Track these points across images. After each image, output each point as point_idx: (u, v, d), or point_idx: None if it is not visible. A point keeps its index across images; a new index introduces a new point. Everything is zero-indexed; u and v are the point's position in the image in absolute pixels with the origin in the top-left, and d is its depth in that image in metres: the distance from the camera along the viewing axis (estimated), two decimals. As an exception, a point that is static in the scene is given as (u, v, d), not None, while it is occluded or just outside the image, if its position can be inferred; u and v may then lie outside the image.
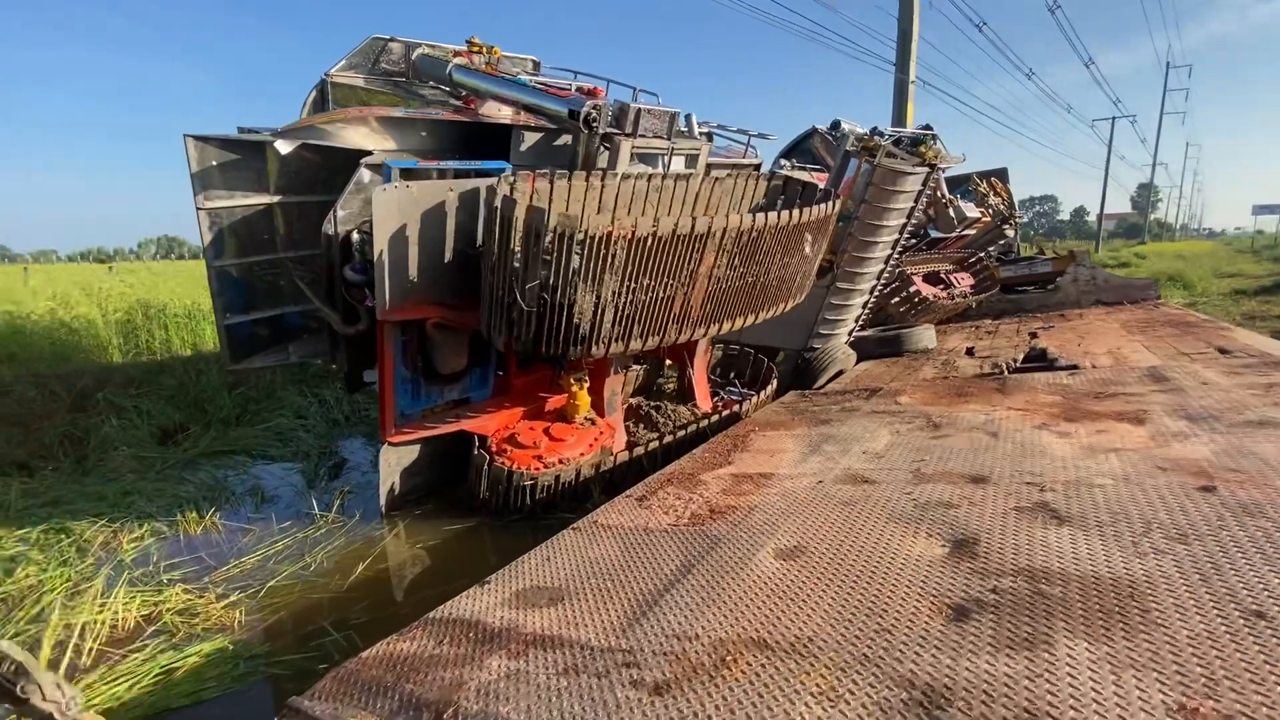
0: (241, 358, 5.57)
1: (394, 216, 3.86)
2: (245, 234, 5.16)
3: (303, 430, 7.01)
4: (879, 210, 7.05)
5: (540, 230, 3.68)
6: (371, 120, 4.80)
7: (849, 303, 7.77)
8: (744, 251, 4.76)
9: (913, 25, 19.06)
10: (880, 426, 4.03)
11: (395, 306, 4.15)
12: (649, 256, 4.09)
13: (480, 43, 5.76)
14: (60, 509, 5.08)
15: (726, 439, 4.32)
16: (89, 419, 6.87)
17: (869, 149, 6.88)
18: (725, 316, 5.12)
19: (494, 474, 4.72)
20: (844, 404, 4.99)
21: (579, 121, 4.80)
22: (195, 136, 4.50)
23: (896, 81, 19.24)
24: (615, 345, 4.40)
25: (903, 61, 19.03)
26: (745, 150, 7.52)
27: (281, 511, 5.12)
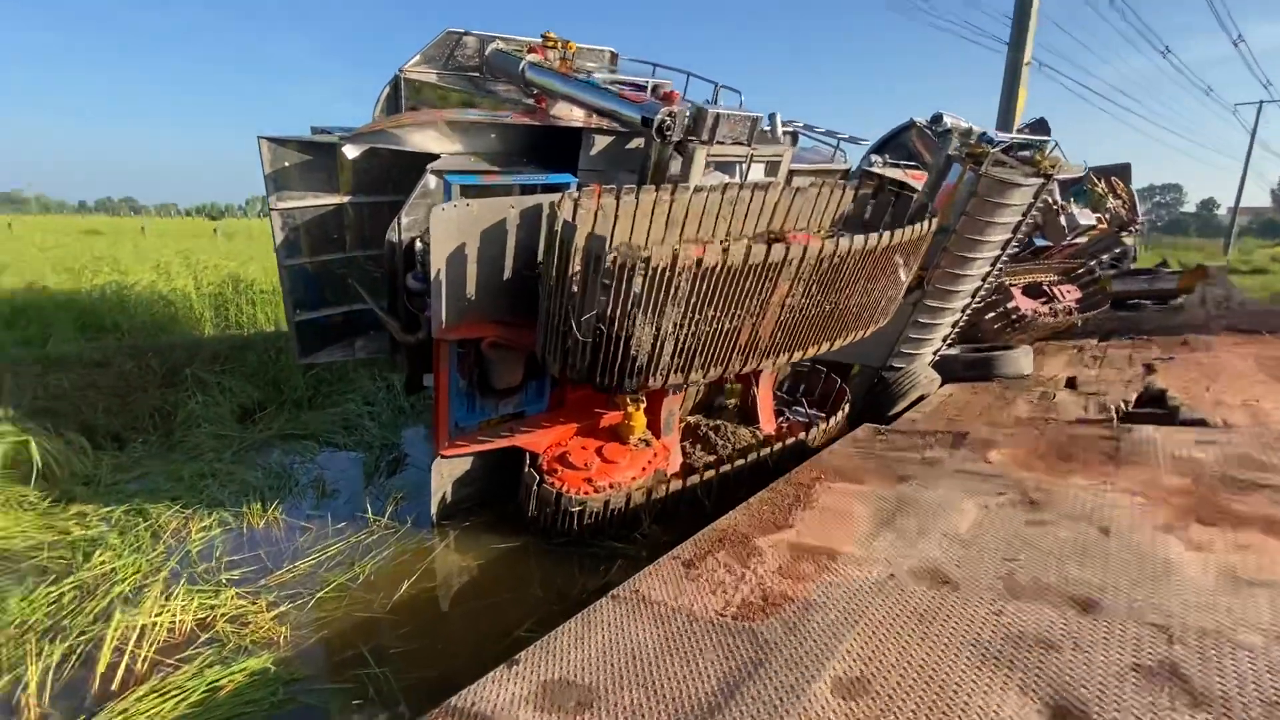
0: (310, 352, 5.67)
1: (452, 236, 3.71)
2: (316, 233, 5.19)
3: (369, 418, 7.16)
4: (981, 224, 6.37)
5: (600, 259, 3.43)
6: (440, 123, 4.66)
7: (938, 321, 7.14)
8: (823, 279, 4.35)
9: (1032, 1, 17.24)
10: (966, 497, 3.59)
11: (451, 325, 4.03)
12: (716, 287, 3.78)
13: (556, 37, 5.50)
14: (142, 489, 5.37)
15: (789, 487, 3.99)
16: (177, 393, 7.27)
17: (975, 156, 6.18)
18: (797, 346, 4.75)
19: (543, 495, 4.59)
20: (925, 452, 4.53)
21: (652, 129, 4.47)
22: (269, 139, 4.50)
23: (1009, 62, 17.56)
24: (674, 377, 4.13)
25: (1018, 39, 17.31)
26: (834, 154, 6.94)
27: (339, 509, 5.21)
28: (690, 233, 4.85)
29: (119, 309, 8.97)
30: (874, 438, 5.18)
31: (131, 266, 11.17)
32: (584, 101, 4.85)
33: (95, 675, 3.20)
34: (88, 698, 3.09)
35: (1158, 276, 11.72)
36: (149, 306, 9.20)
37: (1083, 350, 9.37)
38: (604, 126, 5.26)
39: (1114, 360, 8.48)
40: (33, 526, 4.69)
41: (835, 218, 5.85)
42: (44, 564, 4.29)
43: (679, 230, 4.76)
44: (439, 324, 3.97)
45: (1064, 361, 8.63)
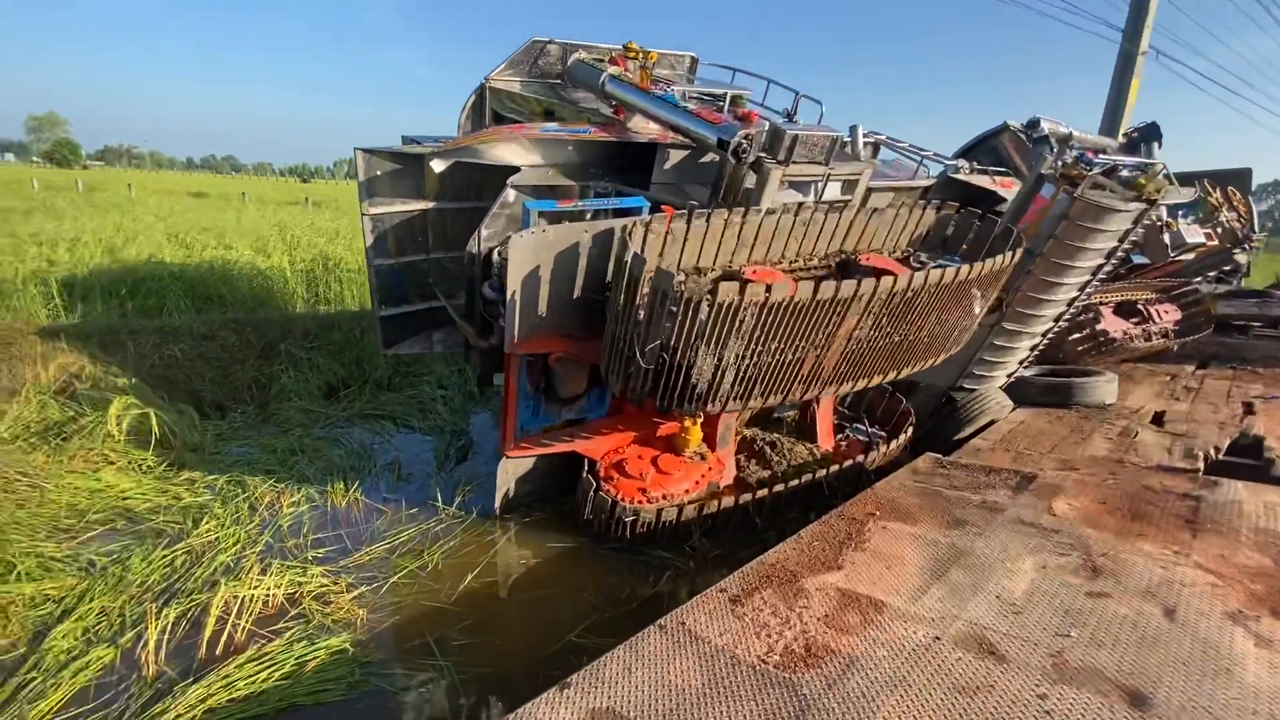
0: (392, 343, 6.06)
1: (528, 259, 3.89)
2: (402, 235, 5.51)
3: (441, 403, 7.58)
4: (1071, 249, 6.03)
5: (667, 293, 3.53)
6: (521, 138, 4.82)
7: (1015, 345, 6.86)
8: (894, 313, 4.29)
9: (1156, -18, 15.71)
10: (1025, 553, 3.52)
11: (523, 341, 4.24)
12: (781, 320, 3.80)
13: (637, 48, 5.54)
14: (241, 460, 5.93)
15: (841, 522, 4.02)
16: (272, 367, 7.91)
17: (1070, 178, 5.84)
18: (862, 375, 4.71)
19: (599, 501, 4.80)
20: (986, 494, 4.44)
21: (728, 152, 4.49)
22: (364, 150, 4.79)
23: (1121, 52, 16.18)
24: (733, 404, 4.20)
25: (1133, 28, 15.91)
26: (916, 170, 6.70)
27: (412, 494, 5.60)
28: (760, 254, 4.86)
29: (223, 281, 9.77)
30: (935, 470, 5.09)
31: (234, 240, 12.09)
32: (661, 119, 4.90)
33: (202, 639, 3.65)
34: (195, 660, 3.54)
35: (1269, 299, 10.71)
36: (249, 280, 9.97)
37: (1175, 379, 8.76)
38: (677, 141, 5.30)
39: (1210, 394, 7.89)
40: (151, 490, 5.29)
41: (912, 240, 5.70)
42: (160, 527, 4.85)
43: (748, 251, 4.78)
44: (511, 339, 4.19)
45: (1153, 391, 8.11)
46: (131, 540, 4.67)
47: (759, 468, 5.73)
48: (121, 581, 4.15)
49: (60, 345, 7.15)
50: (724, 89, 5.75)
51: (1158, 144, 9.90)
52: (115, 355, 7.30)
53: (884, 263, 5.26)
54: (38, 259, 9.70)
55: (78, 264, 9.57)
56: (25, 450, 5.62)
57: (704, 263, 4.62)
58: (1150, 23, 15.55)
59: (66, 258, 9.88)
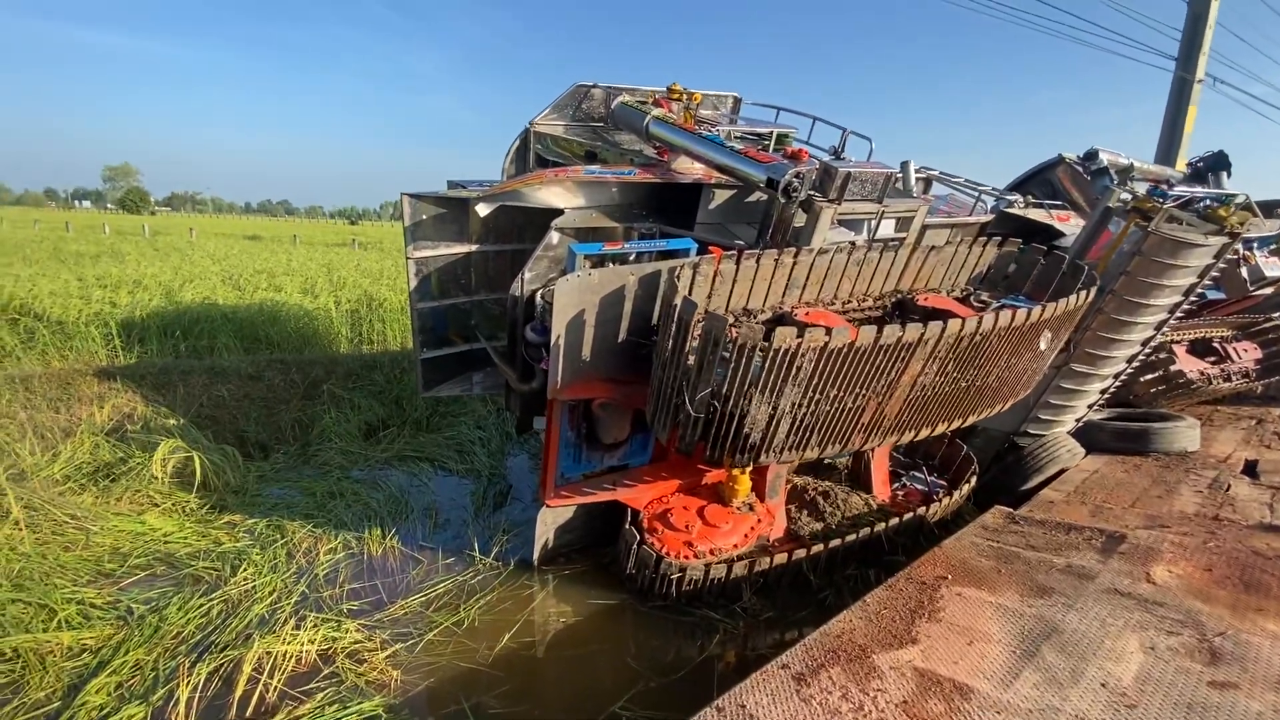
0: (432, 386, 5.99)
1: (573, 304, 3.77)
2: (445, 278, 5.48)
3: (479, 444, 7.47)
4: (1146, 286, 5.64)
5: (719, 339, 3.33)
6: (566, 181, 4.77)
7: (1084, 387, 6.41)
8: (961, 357, 4.00)
9: (1209, 8, 15.29)
10: (1127, 630, 3.13)
11: (566, 386, 4.09)
12: (841, 367, 3.57)
13: (681, 89, 5.50)
14: (281, 502, 5.88)
15: (910, 586, 3.68)
16: (314, 407, 7.96)
17: (1143, 211, 5.49)
18: (925, 423, 4.40)
19: (642, 556, 4.54)
20: (1071, 556, 4.04)
21: (778, 191, 4.33)
22: (411, 195, 4.80)
23: (1175, 81, 15.68)
24: (787, 455, 3.95)
25: (1187, 55, 15.44)
26: (974, 206, 6.45)
27: (448, 542, 5.44)
28: (811, 295, 4.65)
29: (272, 322, 10.01)
30: (1007, 526, 4.70)
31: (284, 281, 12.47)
32: (707, 159, 4.80)
33: (233, 699, 3.50)
34: (226, 721, 3.38)
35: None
36: (296, 321, 10.20)
37: (1262, 423, 8.10)
38: (722, 180, 5.18)
39: (1306, 441, 7.23)
40: (192, 534, 5.26)
41: (972, 276, 5.42)
42: (199, 573, 4.78)
43: (799, 292, 4.58)
44: (555, 383, 4.04)
45: (1238, 437, 7.49)
46: (170, 587, 4.61)
47: (811, 519, 5.40)
48: (157, 632, 4.05)
49: (115, 386, 7.33)
50: (769, 127, 5.65)
51: (1226, 174, 9.38)
52: (166, 395, 7.44)
53: (943, 303, 4.99)
54: (101, 301, 10.13)
55: (137, 306, 9.95)
56: (76, 491, 5.69)
57: (753, 304, 4.43)
58: (1206, 49, 15.06)
59: (127, 300, 10.30)
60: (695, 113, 5.52)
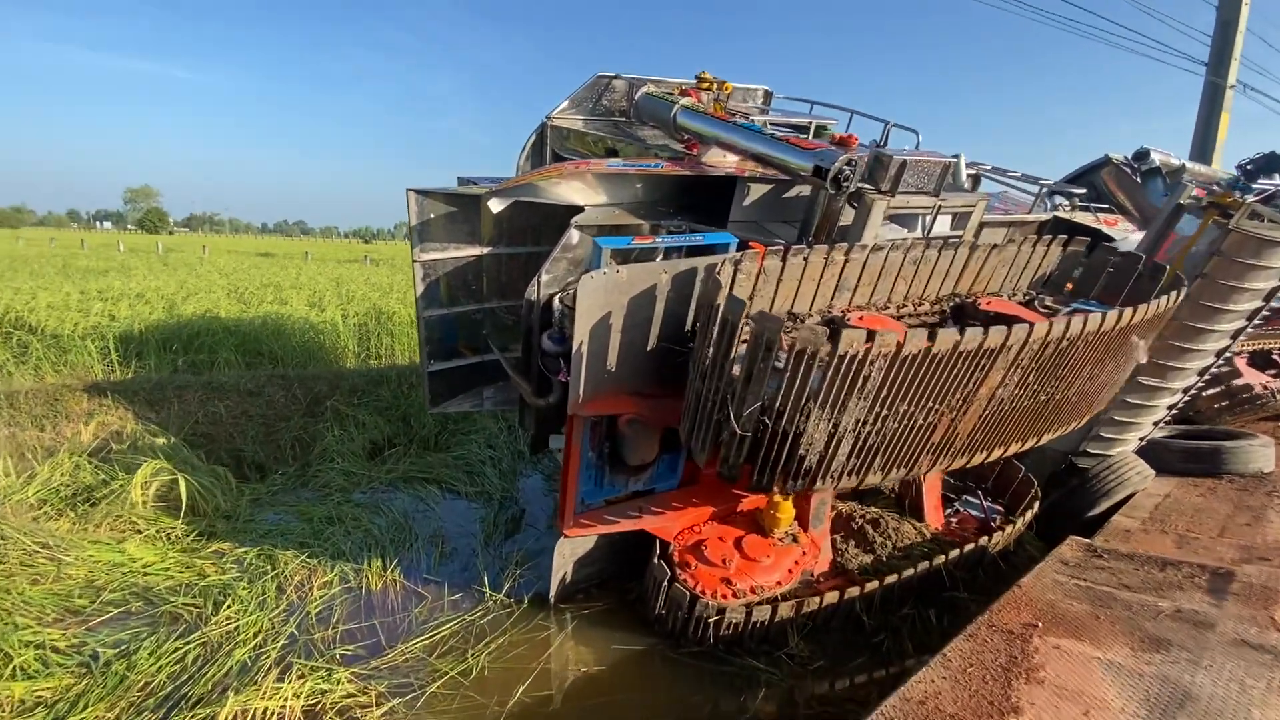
0: (440, 402, 5.52)
1: (599, 305, 3.29)
2: (455, 283, 5.04)
3: (490, 464, 6.97)
4: (1223, 290, 5.09)
5: (772, 343, 2.83)
6: (587, 175, 4.32)
7: (1152, 402, 5.82)
8: (1044, 366, 3.47)
9: (1239, 14, 14.83)
10: (1272, 694, 2.56)
11: (589, 400, 3.59)
12: (914, 377, 3.05)
13: (711, 77, 5.06)
14: (275, 528, 5.39)
15: (996, 638, 3.12)
16: (316, 424, 7.50)
17: (1222, 206, 4.96)
18: (999, 442, 3.86)
19: (674, 595, 4.00)
20: (1175, 596, 3.46)
21: (826, 180, 3.85)
22: (417, 191, 4.37)
23: (1206, 87, 15.18)
24: (846, 480, 3.42)
25: (1218, 61, 14.94)
26: (1033, 204, 5.94)
27: (455, 575, 4.92)
28: (862, 298, 4.15)
29: (275, 336, 9.61)
30: (1089, 560, 4.12)
31: (291, 295, 12.12)
32: (744, 148, 4.34)
33: (202, 769, 2.98)
34: (191, 798, 2.86)
35: None
36: (301, 335, 9.80)
37: (1338, 441, 7.42)
38: (757, 174, 4.72)
39: (1395, 461, 6.57)
40: (175, 564, 4.77)
41: (1034, 279, 4.89)
42: (178, 610, 4.29)
43: (849, 294, 4.08)
44: (576, 399, 3.55)
45: (1317, 456, 6.83)
46: (144, 626, 4.12)
47: (859, 551, 4.83)
48: (123, 683, 3.56)
49: (106, 402, 6.92)
50: (807, 120, 5.19)
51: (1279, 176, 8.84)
52: (160, 412, 7.02)
53: (1007, 307, 4.46)
54: (100, 314, 9.79)
55: (137, 319, 9.61)
56: (52, 516, 5.24)
57: (799, 308, 3.93)
58: (1237, 54, 14.57)
59: (127, 313, 9.96)
60: (725, 104, 5.08)
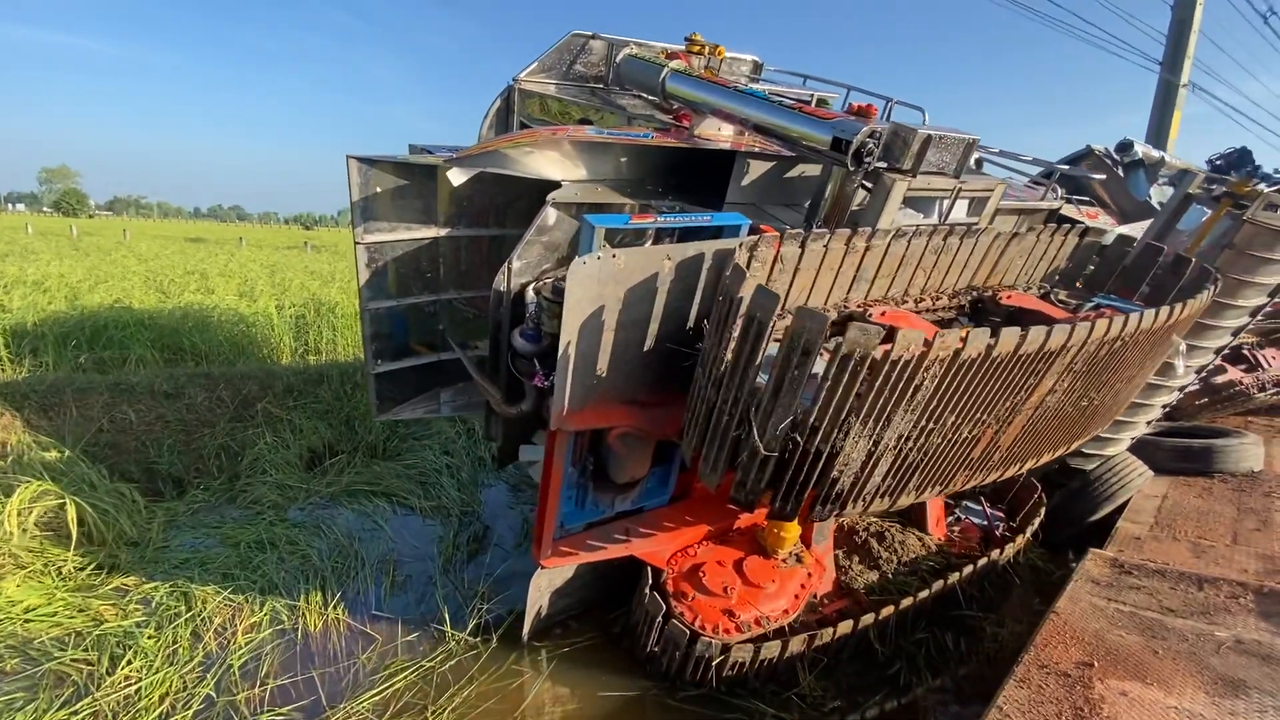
0: (389, 407, 4.80)
1: (591, 297, 2.68)
2: (406, 270, 4.32)
3: (447, 473, 6.26)
4: (1233, 284, 4.85)
5: (812, 347, 2.29)
6: (565, 144, 3.69)
7: (1149, 401, 5.59)
8: (1096, 368, 3.06)
9: (1193, 15, 15.18)
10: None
11: (575, 411, 2.99)
12: (969, 383, 2.57)
13: (703, 41, 4.48)
14: (193, 558, 4.58)
15: (1051, 681, 2.69)
16: (246, 430, 6.62)
17: (1236, 196, 4.72)
18: (1033, 453, 3.46)
19: (671, 633, 3.46)
20: (1225, 621, 3.13)
21: (848, 155, 3.34)
22: (360, 158, 3.65)
23: (1161, 84, 15.51)
24: (879, 503, 2.93)
25: (1173, 60, 15.27)
26: (1045, 192, 5.61)
27: (410, 609, 4.26)
28: (880, 290, 3.67)
29: (200, 329, 8.57)
30: (1119, 579, 3.77)
31: (218, 283, 10.96)
32: (748, 118, 3.78)
33: None
34: None
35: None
36: (229, 328, 8.77)
37: (1308, 436, 7.47)
38: (756, 149, 4.18)
39: (1368, 456, 6.60)
40: (63, 607, 3.95)
41: (1048, 273, 4.53)
42: (64, 669, 3.49)
43: (867, 287, 3.59)
44: (561, 410, 2.94)
45: (1293, 452, 6.82)
46: (20, 691, 3.32)
47: (864, 568, 4.40)
48: (-21, 776, 2.78)
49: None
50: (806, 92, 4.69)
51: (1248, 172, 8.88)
52: (54, 419, 6.02)
53: (1028, 302, 4.08)
54: (-12, 305, 8.53)
55: (32, 310, 8.40)
56: (-94, 552, 4.29)
57: (814, 300, 3.42)
58: (1190, 54, 14.92)
59: (21, 303, 8.72)
60: (718, 71, 4.52)
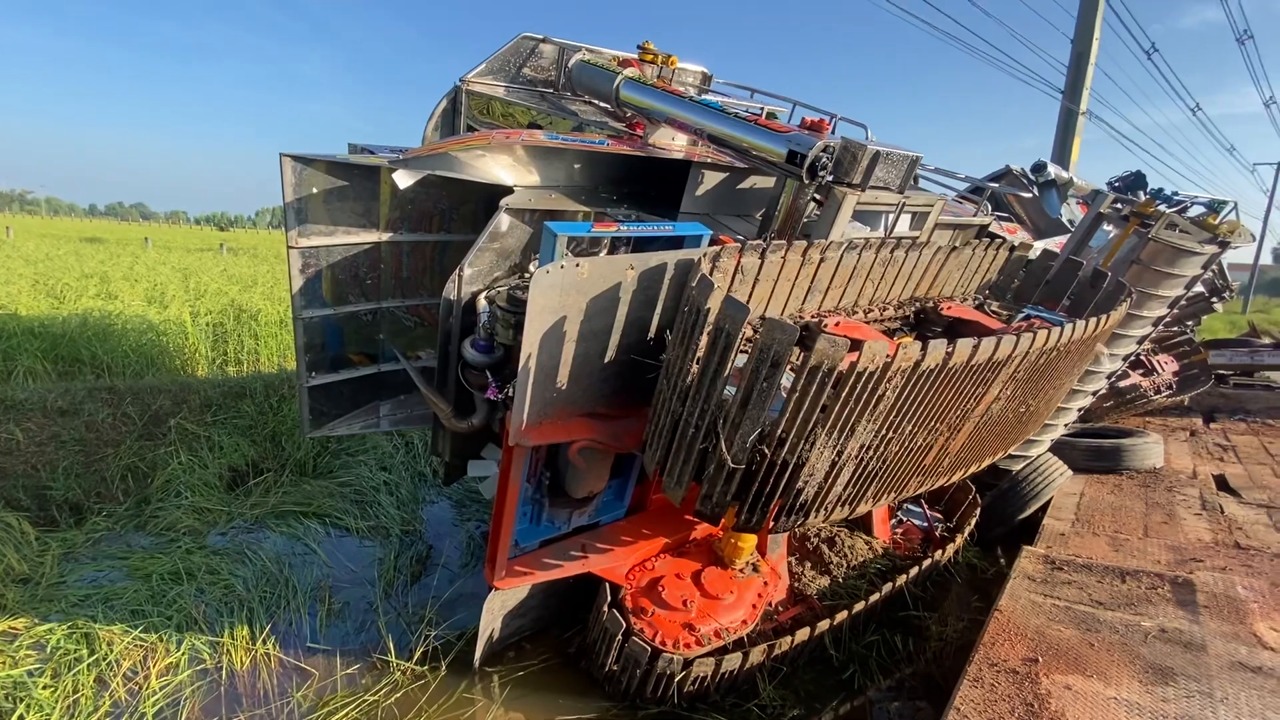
0: (323, 423, 4.49)
1: (553, 308, 2.59)
2: (343, 277, 4.07)
3: (385, 489, 5.95)
4: (1140, 297, 5.26)
5: (782, 358, 2.29)
6: (518, 148, 3.58)
7: (1069, 405, 5.98)
8: (1036, 375, 3.22)
9: (1090, 48, 16.59)
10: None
11: (534, 425, 2.87)
12: (926, 393, 2.64)
13: (655, 50, 4.47)
14: (96, 594, 4.13)
15: (1001, 679, 2.79)
16: (157, 449, 6.08)
17: (1143, 215, 5.12)
18: (976, 458, 3.60)
19: (631, 651, 3.38)
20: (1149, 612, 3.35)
21: (803, 168, 3.39)
22: (294, 157, 3.41)
23: (1063, 111, 16.82)
24: (839, 511, 2.97)
25: (1073, 89, 16.60)
26: (979, 208, 5.90)
27: (350, 639, 3.99)
28: (833, 301, 3.74)
29: (101, 339, 7.80)
30: (1052, 575, 3.98)
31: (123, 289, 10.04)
32: (704, 128, 3.78)
33: None
34: None
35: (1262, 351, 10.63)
36: (136, 337, 8.04)
37: (1196, 435, 8.23)
38: (710, 160, 4.20)
39: (1248, 452, 7.32)
40: (-64, 658, 3.46)
41: (982, 285, 4.77)
42: (-64, 730, 3.05)
43: (820, 297, 3.65)
44: (520, 425, 2.82)
45: (1186, 450, 7.48)
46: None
47: (816, 574, 4.46)
48: None
49: None
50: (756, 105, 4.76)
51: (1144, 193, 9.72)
52: (-77, 441, 5.33)
53: (967, 313, 4.26)
54: None
55: (-104, 318, 7.44)
56: None
57: (772, 311, 3.45)
58: (1088, 84, 16.28)
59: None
60: (670, 80, 4.51)
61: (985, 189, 5.96)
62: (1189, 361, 9.63)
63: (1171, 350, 9.73)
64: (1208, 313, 11.35)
